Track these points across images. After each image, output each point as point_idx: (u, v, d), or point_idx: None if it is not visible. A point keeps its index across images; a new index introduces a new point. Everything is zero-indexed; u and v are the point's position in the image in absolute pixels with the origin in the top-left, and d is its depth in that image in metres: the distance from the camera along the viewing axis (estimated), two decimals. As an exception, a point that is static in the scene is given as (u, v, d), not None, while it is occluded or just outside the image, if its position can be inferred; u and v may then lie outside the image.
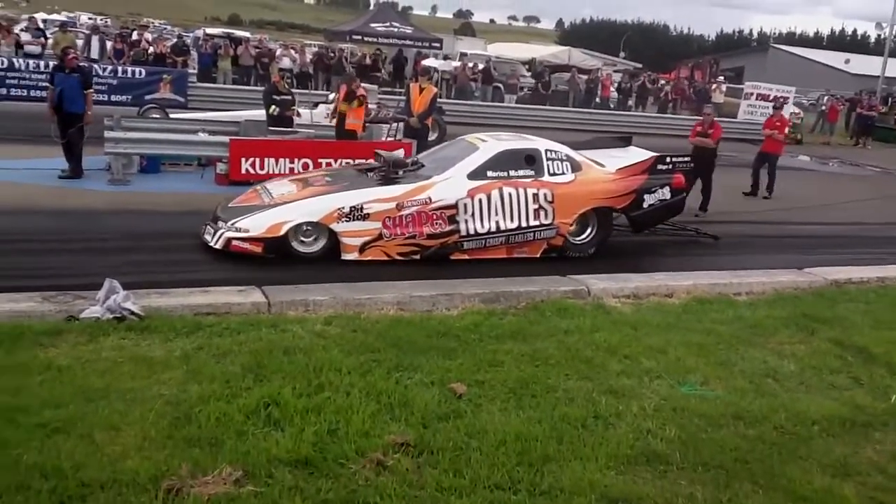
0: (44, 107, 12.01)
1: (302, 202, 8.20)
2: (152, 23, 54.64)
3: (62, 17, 47.40)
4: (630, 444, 4.53)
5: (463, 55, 33.62)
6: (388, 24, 25.11)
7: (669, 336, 6.46)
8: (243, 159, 11.25)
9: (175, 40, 26.42)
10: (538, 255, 8.88)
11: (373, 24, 24.96)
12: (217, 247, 7.88)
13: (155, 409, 4.38)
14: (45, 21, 35.80)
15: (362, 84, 14.01)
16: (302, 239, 8.07)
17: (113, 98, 18.94)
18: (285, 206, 8.13)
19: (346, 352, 5.45)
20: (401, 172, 8.64)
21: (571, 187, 8.95)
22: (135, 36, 24.86)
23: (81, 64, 12.76)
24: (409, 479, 3.95)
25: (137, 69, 20.60)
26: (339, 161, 11.87)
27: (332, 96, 17.11)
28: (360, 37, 25.16)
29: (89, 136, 11.30)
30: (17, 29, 24.65)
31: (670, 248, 10.32)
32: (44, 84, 18.35)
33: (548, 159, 8.98)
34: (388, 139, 13.54)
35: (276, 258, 7.82)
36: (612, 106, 29.72)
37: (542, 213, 8.74)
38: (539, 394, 5.13)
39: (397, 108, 16.96)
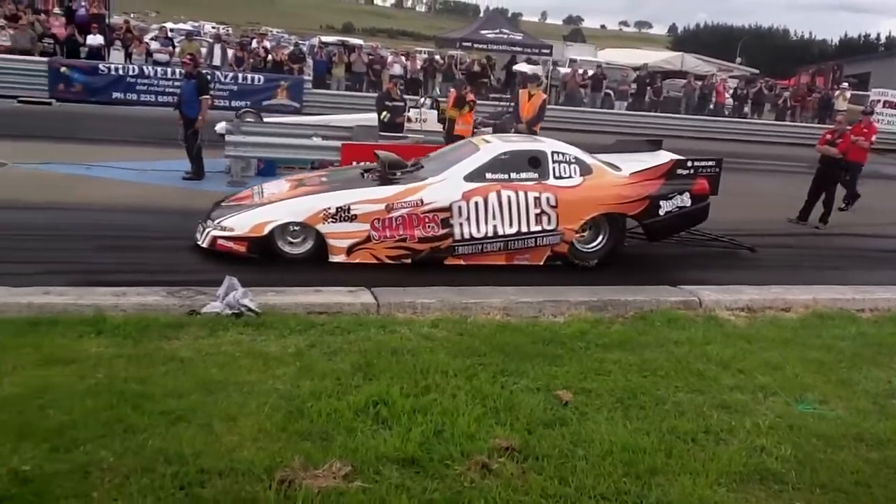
0: (169, 111, 12.67)
1: (287, 202, 8.05)
2: (270, 31, 56.56)
3: (188, 26, 49.73)
4: (742, 461, 4.38)
5: (572, 61, 33.34)
6: (497, 30, 25.12)
7: (786, 351, 6.22)
8: (354, 163, 11.50)
9: (292, 48, 27.35)
10: (541, 263, 8.43)
11: (482, 31, 25.03)
12: (204, 245, 7.83)
13: (270, 402, 4.54)
14: (172, 30, 37.63)
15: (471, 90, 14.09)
16: (289, 239, 7.93)
17: (233, 103, 19.81)
18: (270, 205, 8.02)
19: (453, 355, 5.51)
20: (398, 174, 8.40)
21: (578, 191, 8.47)
22: (254, 44, 25.85)
23: (202, 71, 13.40)
24: (514, 483, 3.94)
25: (256, 76, 21.52)
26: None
27: (422, 101, 17.38)
28: (469, 43, 25.32)
29: (214, 139, 11.83)
30: (147, 38, 26.05)
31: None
32: (170, 90, 19.48)
33: (554, 161, 8.52)
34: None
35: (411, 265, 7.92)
36: (726, 113, 28.84)
37: (544, 218, 8.29)
38: (647, 405, 5.03)
39: (503, 113, 17.03)
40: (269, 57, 24.42)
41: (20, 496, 3.50)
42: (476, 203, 8.11)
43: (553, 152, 8.62)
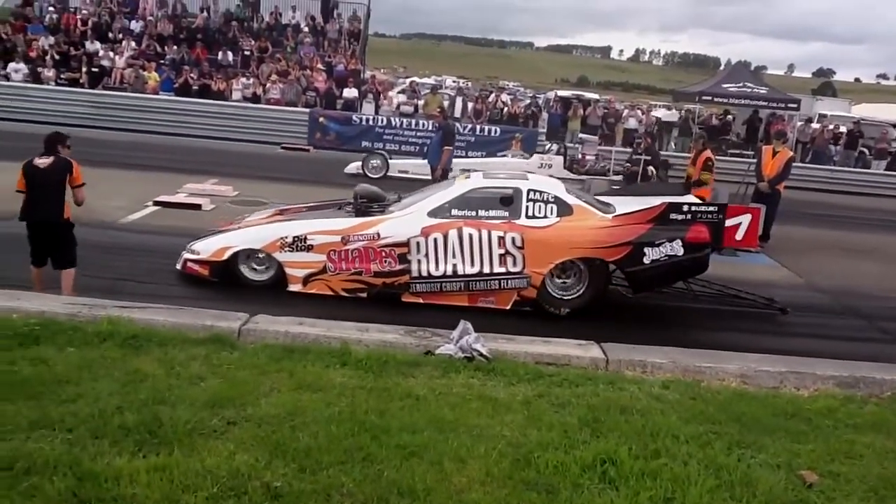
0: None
1: (250, 229, 8.21)
2: (508, 85, 58.47)
3: (431, 80, 52.73)
4: None
5: (822, 116, 31.28)
6: (741, 84, 24.19)
7: None
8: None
9: (528, 101, 28.08)
10: (508, 307, 7.98)
11: (724, 85, 24.21)
12: (178, 268, 8.14)
13: (498, 448, 4.60)
14: (417, 84, 40.07)
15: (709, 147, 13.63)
16: (254, 266, 8.09)
17: (470, 154, 20.63)
18: (234, 232, 8.13)
19: (685, 419, 5.28)
20: (375, 206, 8.30)
21: (548, 232, 7.91)
22: (492, 97, 26.83)
23: (449, 122, 14.13)
24: (750, 565, 3.70)
25: (493, 128, 22.26)
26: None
27: (548, 146, 18.21)
28: (710, 97, 24.56)
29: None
30: (394, 91, 27.93)
31: None
32: (413, 140, 20.77)
33: (528, 200, 8.03)
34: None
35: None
36: None
37: (509, 259, 7.85)
38: (906, 497, 4.52)
39: (635, 160, 16.55)
40: (505, 110, 25.24)
41: (271, 509, 3.81)
42: (435, 240, 7.86)
43: (530, 190, 8.15)
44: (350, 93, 23.84)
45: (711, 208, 8.41)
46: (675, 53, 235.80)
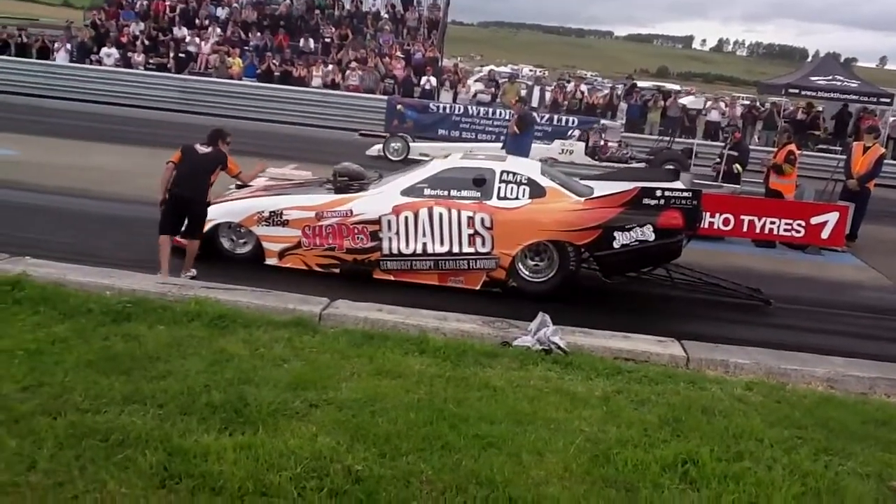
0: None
1: (229, 202, 8.30)
2: (586, 74, 57.72)
3: (508, 69, 52.44)
4: None
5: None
6: (830, 77, 23.27)
7: None
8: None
9: (606, 92, 27.65)
10: (478, 288, 8.06)
11: (812, 78, 23.34)
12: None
13: (576, 442, 4.57)
14: (494, 73, 39.89)
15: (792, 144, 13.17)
16: (234, 238, 8.31)
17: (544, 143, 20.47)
18: (214, 205, 8.11)
19: (769, 423, 5.14)
20: (356, 185, 8.43)
21: (517, 214, 7.90)
22: (570, 87, 26.51)
23: (527, 112, 14.03)
24: (838, 576, 3.59)
25: (570, 118, 21.98)
26: (762, 219, 11.45)
27: (570, 132, 17.96)
28: (797, 90, 23.71)
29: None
30: (471, 80, 27.86)
31: None
32: (490, 129, 20.68)
33: (501, 181, 8.05)
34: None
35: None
36: None
37: (478, 239, 7.89)
38: None
39: (662, 148, 15.99)
40: (584, 100, 24.91)
41: (352, 493, 3.86)
42: (406, 218, 7.94)
43: (503, 171, 8.16)
44: (428, 81, 23.89)
45: (686, 194, 8.09)
46: (759, 44, 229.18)
